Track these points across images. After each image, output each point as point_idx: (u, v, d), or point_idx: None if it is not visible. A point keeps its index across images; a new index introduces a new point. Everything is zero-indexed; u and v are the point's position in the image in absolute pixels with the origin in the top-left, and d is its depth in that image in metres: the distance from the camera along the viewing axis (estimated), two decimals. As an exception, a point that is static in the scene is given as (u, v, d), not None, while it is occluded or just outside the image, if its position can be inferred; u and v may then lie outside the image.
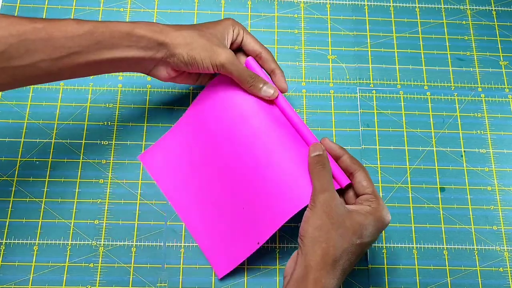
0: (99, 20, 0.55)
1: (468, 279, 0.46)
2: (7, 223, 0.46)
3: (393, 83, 0.54)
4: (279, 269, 0.46)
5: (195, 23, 0.55)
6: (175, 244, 0.46)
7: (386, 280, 0.46)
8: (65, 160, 0.49)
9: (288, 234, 0.47)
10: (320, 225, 0.36)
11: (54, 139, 0.49)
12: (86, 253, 0.45)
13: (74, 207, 0.47)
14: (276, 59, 0.53)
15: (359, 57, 0.55)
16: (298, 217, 0.39)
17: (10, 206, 0.47)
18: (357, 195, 0.40)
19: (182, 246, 0.46)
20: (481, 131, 0.52)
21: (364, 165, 0.50)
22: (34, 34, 0.35)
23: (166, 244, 0.46)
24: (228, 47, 0.44)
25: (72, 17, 0.54)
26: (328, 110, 0.52)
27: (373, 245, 0.47)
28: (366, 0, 0.57)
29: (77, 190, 0.47)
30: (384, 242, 0.47)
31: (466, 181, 0.50)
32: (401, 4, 0.57)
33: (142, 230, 0.46)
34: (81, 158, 0.49)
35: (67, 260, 0.45)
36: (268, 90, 0.43)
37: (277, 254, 0.46)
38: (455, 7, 0.58)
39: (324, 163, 0.39)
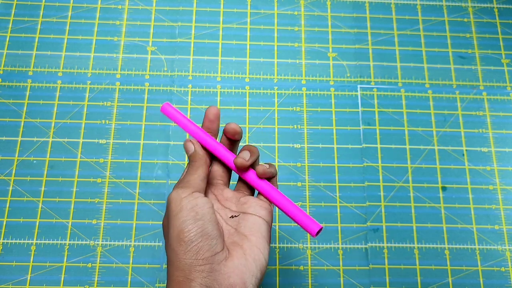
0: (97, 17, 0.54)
1: (470, 279, 0.46)
2: (4, 223, 0.46)
3: (394, 81, 0.53)
4: (279, 269, 0.45)
5: (194, 21, 0.54)
6: (174, 244, 0.46)
7: (387, 280, 0.46)
8: (63, 159, 0.48)
9: (288, 234, 0.47)
10: None
11: (52, 138, 0.49)
12: (84, 253, 0.45)
13: (72, 207, 0.46)
14: (276, 57, 0.53)
15: (359, 54, 0.54)
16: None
17: (8, 205, 0.46)
18: None
19: (181, 246, 0.46)
20: (483, 130, 0.52)
21: (365, 164, 0.49)
22: None
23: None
24: None
25: (69, 15, 0.53)
26: (329, 108, 0.51)
27: (374, 245, 0.47)
28: (367, -3, 0.57)
29: (74, 190, 0.47)
30: (385, 242, 0.47)
31: (468, 180, 0.50)
32: (402, 2, 0.57)
33: (140, 230, 0.46)
34: (78, 157, 0.48)
35: (65, 260, 0.45)
36: None
37: (277, 254, 0.46)
38: (457, 4, 0.57)
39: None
